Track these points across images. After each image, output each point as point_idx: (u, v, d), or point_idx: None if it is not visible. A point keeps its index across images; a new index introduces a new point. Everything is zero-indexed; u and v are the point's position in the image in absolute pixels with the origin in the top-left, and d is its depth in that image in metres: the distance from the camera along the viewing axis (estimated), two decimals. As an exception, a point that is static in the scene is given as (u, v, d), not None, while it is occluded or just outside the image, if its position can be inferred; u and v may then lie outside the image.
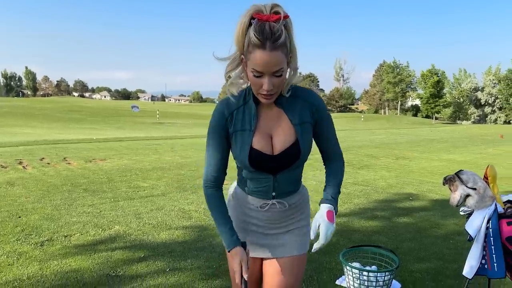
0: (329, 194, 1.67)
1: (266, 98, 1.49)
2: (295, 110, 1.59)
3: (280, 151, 1.59)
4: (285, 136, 1.59)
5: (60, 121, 31.41)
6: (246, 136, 1.58)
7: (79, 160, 9.16)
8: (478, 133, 29.30)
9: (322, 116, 1.63)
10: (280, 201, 1.69)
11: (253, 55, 1.39)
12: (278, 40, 1.36)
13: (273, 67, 1.40)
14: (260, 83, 1.44)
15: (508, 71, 69.04)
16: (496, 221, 2.69)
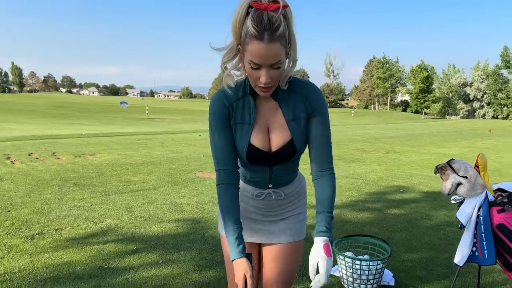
0: (322, 224, 1.53)
1: (263, 90, 1.45)
2: (290, 105, 1.55)
3: (276, 148, 1.57)
4: (281, 132, 1.57)
5: (48, 117, 31.04)
6: (245, 130, 1.56)
7: (68, 155, 9.07)
8: (467, 128, 29.63)
9: (314, 111, 1.55)
10: (276, 190, 1.69)
11: (250, 46, 1.34)
12: (276, 31, 1.31)
13: (271, 59, 1.35)
14: (257, 75, 1.40)
15: (496, 66, 69.82)
16: (487, 209, 2.73)
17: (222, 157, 1.57)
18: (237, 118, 1.55)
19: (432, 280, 3.33)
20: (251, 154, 1.57)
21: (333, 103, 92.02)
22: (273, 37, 1.31)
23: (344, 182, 7.07)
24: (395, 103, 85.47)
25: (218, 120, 1.55)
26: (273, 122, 1.57)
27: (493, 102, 69.15)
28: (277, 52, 1.34)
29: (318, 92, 1.58)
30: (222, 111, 1.54)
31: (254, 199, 1.71)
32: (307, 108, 1.55)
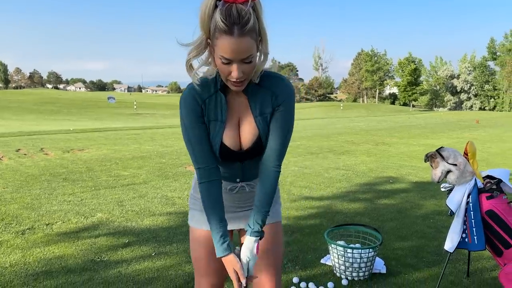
0: (258, 223, 1.55)
1: (235, 85, 1.41)
2: (257, 100, 1.51)
3: (247, 146, 1.56)
4: (250, 129, 1.55)
5: (35, 113, 30.66)
6: (218, 127, 1.53)
7: (56, 151, 8.99)
8: (454, 119, 29.96)
9: (279, 104, 1.51)
10: (248, 183, 1.68)
11: (220, 41, 1.30)
12: (246, 25, 1.27)
13: (242, 54, 1.31)
14: (228, 70, 1.36)
15: (483, 58, 70.60)
16: (476, 196, 2.77)
17: (201, 155, 1.53)
18: (210, 115, 1.52)
19: (422, 267, 3.37)
20: (223, 152, 1.55)
21: (322, 96, 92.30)
22: (243, 32, 1.27)
23: (334, 174, 7.12)
24: (384, 96, 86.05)
25: (193, 118, 1.50)
26: (243, 118, 1.55)
27: (480, 93, 70.00)
28: (248, 46, 1.30)
29: (287, 86, 1.53)
30: (196, 108, 1.49)
31: (227, 193, 1.68)
32: (273, 102, 1.51)
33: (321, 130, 16.86)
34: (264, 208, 1.56)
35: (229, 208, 1.70)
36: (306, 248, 3.71)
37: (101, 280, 3.02)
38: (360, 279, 3.11)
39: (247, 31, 1.28)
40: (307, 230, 4.17)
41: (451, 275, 3.25)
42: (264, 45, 1.38)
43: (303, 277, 3.13)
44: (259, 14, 1.31)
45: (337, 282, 3.05)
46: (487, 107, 68.55)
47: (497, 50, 69.08)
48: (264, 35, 1.36)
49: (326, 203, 5.23)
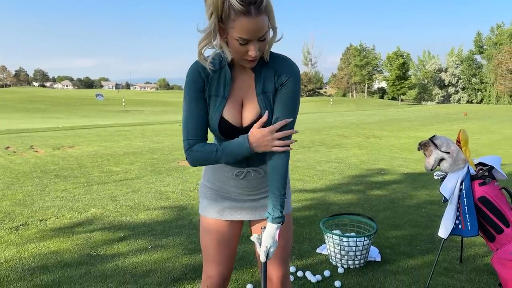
0: (278, 209, 1.56)
1: (252, 62, 1.45)
2: (261, 78, 1.53)
3: (248, 123, 1.55)
4: (251, 107, 1.55)
5: (22, 112, 30.25)
6: (219, 103, 1.54)
7: (46, 148, 8.90)
8: (443, 112, 30.27)
9: (282, 83, 1.52)
10: (255, 168, 1.67)
11: (237, 23, 1.33)
12: (262, 3, 1.32)
13: (259, 32, 1.35)
14: (245, 50, 1.39)
15: (470, 52, 71.33)
16: (469, 183, 2.81)
17: (193, 128, 1.54)
18: (212, 91, 1.53)
19: (416, 255, 3.43)
20: (222, 128, 1.55)
21: (312, 91, 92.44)
22: (260, 11, 1.32)
23: (327, 167, 7.16)
24: (372, 91, 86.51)
25: (193, 91, 1.53)
26: (247, 96, 1.55)
27: (468, 87, 70.80)
28: (264, 24, 1.35)
29: (291, 66, 1.54)
30: (197, 82, 1.52)
31: (234, 179, 1.69)
32: (276, 81, 1.52)
33: (312, 124, 16.92)
34: (280, 192, 1.56)
35: (237, 195, 1.72)
36: (301, 238, 3.74)
37: (99, 273, 3.01)
38: (356, 267, 3.15)
39: (263, 10, 1.32)
40: (302, 221, 4.20)
41: (445, 262, 3.30)
42: (272, 20, 1.40)
43: (299, 266, 3.16)
44: None
45: (333, 271, 3.09)
46: (474, 100, 69.36)
47: (483, 44, 69.89)
48: (271, 11, 1.38)
49: (319, 195, 5.27)
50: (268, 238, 1.56)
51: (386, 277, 3.03)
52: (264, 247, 1.56)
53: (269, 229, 1.56)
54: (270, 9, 1.37)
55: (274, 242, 1.57)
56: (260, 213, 1.74)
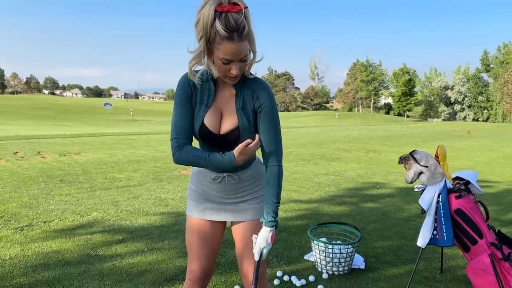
0: (270, 214, 1.78)
1: (233, 80, 1.69)
2: (241, 96, 1.75)
3: (225, 132, 1.76)
4: (231, 119, 1.76)
5: (32, 118, 30.76)
6: (202, 110, 1.76)
7: (53, 154, 9.16)
8: (447, 129, 30.32)
9: (261, 106, 1.75)
10: (230, 174, 1.87)
11: (222, 46, 1.55)
12: (243, 31, 1.53)
13: (240, 55, 1.58)
14: (228, 69, 1.61)
15: (476, 70, 71.42)
16: (446, 195, 3.00)
17: (181, 127, 1.75)
18: (197, 98, 1.77)
19: (399, 264, 3.59)
20: (202, 132, 1.78)
21: (318, 105, 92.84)
22: (242, 37, 1.54)
23: (324, 179, 7.34)
24: (379, 106, 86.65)
25: (183, 97, 1.76)
26: (226, 108, 1.77)
27: (474, 105, 70.71)
28: (245, 48, 1.58)
29: (266, 90, 1.77)
30: (186, 90, 1.76)
31: (212, 182, 1.89)
32: (254, 102, 1.75)
33: (314, 138, 17.12)
34: (273, 200, 1.79)
35: (215, 198, 1.93)
36: (291, 245, 3.91)
37: (96, 272, 3.21)
38: (340, 274, 3.32)
39: (244, 36, 1.56)
40: (294, 229, 4.38)
41: (426, 271, 3.47)
42: (253, 45, 1.64)
43: (286, 271, 3.34)
44: (248, 20, 1.58)
45: (318, 276, 3.26)
46: (480, 118, 69.21)
47: (490, 62, 69.96)
48: (252, 37, 1.62)
49: (313, 205, 5.45)
50: (262, 240, 1.78)
51: (368, 283, 3.19)
52: (258, 248, 1.78)
53: (263, 232, 1.79)
54: (251, 36, 1.61)
55: (267, 244, 1.79)
56: (239, 216, 1.94)
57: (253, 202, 1.94)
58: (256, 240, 1.81)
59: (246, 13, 1.56)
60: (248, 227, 1.93)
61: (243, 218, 1.94)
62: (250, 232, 1.91)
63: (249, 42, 1.61)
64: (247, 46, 1.59)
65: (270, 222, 1.78)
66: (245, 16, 1.56)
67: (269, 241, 1.79)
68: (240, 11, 1.53)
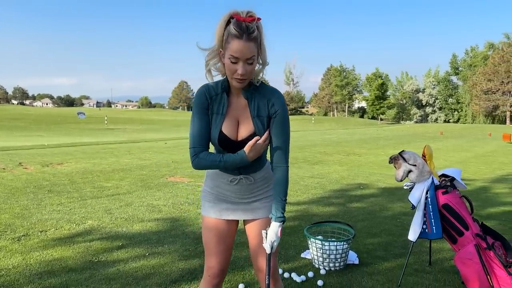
0: (279, 210, 1.94)
1: (239, 81, 1.83)
2: (256, 104, 1.89)
3: (242, 138, 1.91)
4: (247, 125, 1.91)
5: (3, 129, 30.02)
6: (219, 119, 1.90)
7: (35, 165, 9.07)
8: (420, 131, 31.18)
9: (275, 113, 1.90)
10: (246, 176, 2.04)
11: (231, 44, 1.72)
12: (252, 33, 1.72)
13: (247, 54, 1.73)
14: (235, 68, 1.76)
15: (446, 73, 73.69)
16: (433, 192, 3.22)
17: (198, 137, 1.90)
18: (214, 109, 1.93)
19: (390, 259, 3.80)
20: (221, 140, 1.93)
21: (294, 110, 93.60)
22: (250, 38, 1.72)
23: (309, 182, 7.55)
24: (353, 110, 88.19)
25: (200, 108, 1.91)
26: (242, 116, 1.93)
27: (445, 107, 72.89)
28: (252, 49, 1.75)
29: (280, 97, 1.94)
30: (204, 101, 1.91)
31: (229, 184, 2.05)
32: (270, 109, 1.90)
33: (295, 142, 17.38)
34: (281, 197, 1.95)
35: (231, 198, 2.08)
36: (287, 245, 4.08)
37: (102, 277, 3.29)
38: (336, 269, 3.50)
39: (253, 38, 1.74)
40: (288, 230, 4.54)
41: (416, 264, 3.68)
42: (263, 56, 1.82)
43: (286, 269, 3.49)
44: (261, 32, 1.79)
45: (316, 272, 3.43)
46: (451, 119, 71.35)
47: (459, 65, 72.33)
48: (263, 49, 1.81)
49: (303, 207, 5.64)
50: (272, 234, 1.94)
51: (363, 277, 3.38)
52: (269, 241, 1.94)
53: (273, 227, 1.95)
54: (262, 44, 1.80)
55: (277, 237, 1.95)
56: (253, 214, 2.10)
57: (265, 201, 2.09)
58: (267, 235, 1.96)
59: (259, 26, 1.76)
60: (262, 225, 2.09)
61: (257, 216, 2.09)
62: (264, 229, 2.06)
63: (259, 49, 1.79)
64: (254, 48, 1.76)
65: (279, 217, 1.94)
66: (257, 26, 1.76)
67: (278, 235, 1.95)
68: (253, 21, 1.73)
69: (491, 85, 61.64)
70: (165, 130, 34.11)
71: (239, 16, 1.72)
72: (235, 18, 1.72)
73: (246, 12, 1.74)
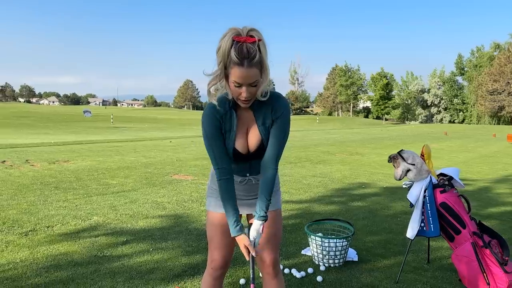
0: (263, 210, 2.00)
1: (244, 103, 1.90)
2: (261, 113, 1.95)
3: (253, 149, 2.00)
4: (255, 136, 1.98)
5: (11, 127, 30.25)
6: (231, 136, 1.97)
7: (42, 162, 9.19)
8: (424, 131, 31.13)
9: (276, 117, 1.94)
10: (254, 177, 2.15)
11: (233, 70, 1.75)
12: (253, 59, 1.73)
13: (249, 80, 1.76)
14: (239, 92, 1.81)
15: (452, 73, 73.38)
16: (431, 190, 3.29)
17: (220, 158, 1.98)
18: (226, 127, 1.98)
19: (389, 256, 3.87)
20: (235, 155, 2.03)
21: (299, 110, 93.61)
22: (251, 64, 1.74)
23: (312, 181, 7.62)
24: (358, 110, 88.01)
25: (214, 130, 1.95)
26: (251, 127, 2.01)
27: (450, 107, 72.59)
28: (254, 74, 1.78)
29: (282, 102, 1.97)
30: (216, 123, 1.94)
31: (238, 184, 2.15)
32: (272, 115, 1.95)
33: (298, 142, 17.45)
34: (267, 198, 2.02)
35: (239, 196, 2.17)
36: (288, 242, 4.15)
37: (107, 271, 3.38)
38: (335, 266, 3.58)
39: (254, 64, 1.76)
40: (289, 228, 4.62)
41: (414, 262, 3.75)
42: (265, 74, 1.84)
43: (286, 265, 3.57)
44: (262, 52, 1.79)
45: (316, 268, 3.51)
46: (456, 120, 71.06)
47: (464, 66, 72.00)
48: (265, 68, 1.82)
49: (305, 205, 5.71)
50: (253, 231, 2.03)
51: (362, 273, 3.46)
52: (251, 238, 2.03)
53: (255, 225, 2.03)
54: (264, 64, 1.81)
55: (258, 235, 2.03)
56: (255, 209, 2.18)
57: None
58: (249, 232, 2.04)
59: (260, 45, 1.77)
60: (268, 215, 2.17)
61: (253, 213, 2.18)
62: (270, 220, 2.15)
63: (261, 70, 1.80)
64: (256, 72, 1.78)
65: (262, 216, 2.02)
66: (259, 47, 1.76)
67: (260, 232, 2.03)
68: (254, 42, 1.74)
69: (496, 85, 61.30)
70: (170, 128, 34.26)
71: (240, 37, 1.73)
72: (235, 41, 1.72)
73: (247, 31, 1.75)
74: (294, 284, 3.24)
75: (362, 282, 3.29)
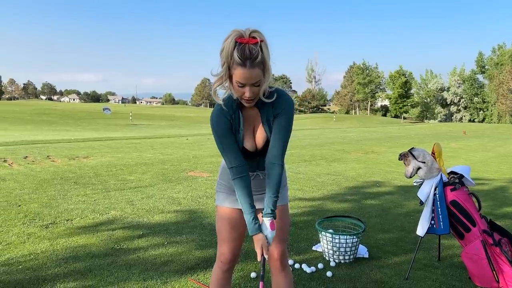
0: (269, 207, 2.05)
1: (248, 102, 1.97)
2: (264, 110, 2.01)
3: (260, 147, 2.08)
4: (262, 133, 2.05)
5: (32, 124, 31.00)
6: (240, 136, 2.04)
7: (62, 158, 9.43)
8: (443, 131, 30.70)
9: (277, 112, 2.00)
10: (262, 172, 2.21)
11: (236, 71, 1.80)
12: (255, 60, 1.78)
13: (251, 80, 1.81)
14: (242, 91, 1.86)
15: (472, 71, 72.02)
16: (442, 188, 3.31)
17: (233, 157, 2.03)
18: (235, 127, 2.06)
19: (400, 254, 3.90)
20: (244, 153, 2.09)
21: (315, 108, 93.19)
22: (253, 64, 1.79)
23: (325, 178, 7.65)
24: (375, 108, 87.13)
25: (225, 131, 2.01)
26: (257, 125, 2.09)
27: (470, 106, 71.25)
28: (256, 75, 1.83)
29: (285, 99, 2.01)
30: (226, 123, 2.00)
31: None
32: (274, 111, 2.00)
33: (314, 140, 17.45)
34: (273, 195, 2.08)
35: None
36: (299, 238, 4.22)
37: (123, 263, 3.50)
38: (346, 262, 3.63)
39: (256, 64, 1.81)
40: (301, 224, 4.69)
41: (425, 260, 3.77)
42: (268, 74, 1.90)
43: (297, 260, 3.64)
44: (264, 53, 1.84)
45: (326, 264, 3.57)
46: (476, 119, 69.74)
47: (485, 64, 70.57)
48: (268, 68, 1.88)
49: (317, 203, 5.76)
50: (264, 229, 2.09)
51: (371, 270, 3.50)
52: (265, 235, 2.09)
53: (264, 222, 2.10)
54: (266, 65, 1.86)
55: (269, 232, 2.08)
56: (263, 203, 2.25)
57: None
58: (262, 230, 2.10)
59: (262, 46, 1.82)
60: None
61: None
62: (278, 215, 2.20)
63: (264, 70, 1.86)
64: (259, 73, 1.83)
65: (268, 214, 2.08)
66: (261, 47, 1.81)
67: (270, 229, 2.08)
68: (256, 43, 1.80)
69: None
70: (187, 126, 34.60)
71: (242, 38, 1.78)
72: (238, 42, 1.77)
73: (249, 32, 1.78)
74: (304, 278, 3.31)
75: (371, 278, 3.34)
